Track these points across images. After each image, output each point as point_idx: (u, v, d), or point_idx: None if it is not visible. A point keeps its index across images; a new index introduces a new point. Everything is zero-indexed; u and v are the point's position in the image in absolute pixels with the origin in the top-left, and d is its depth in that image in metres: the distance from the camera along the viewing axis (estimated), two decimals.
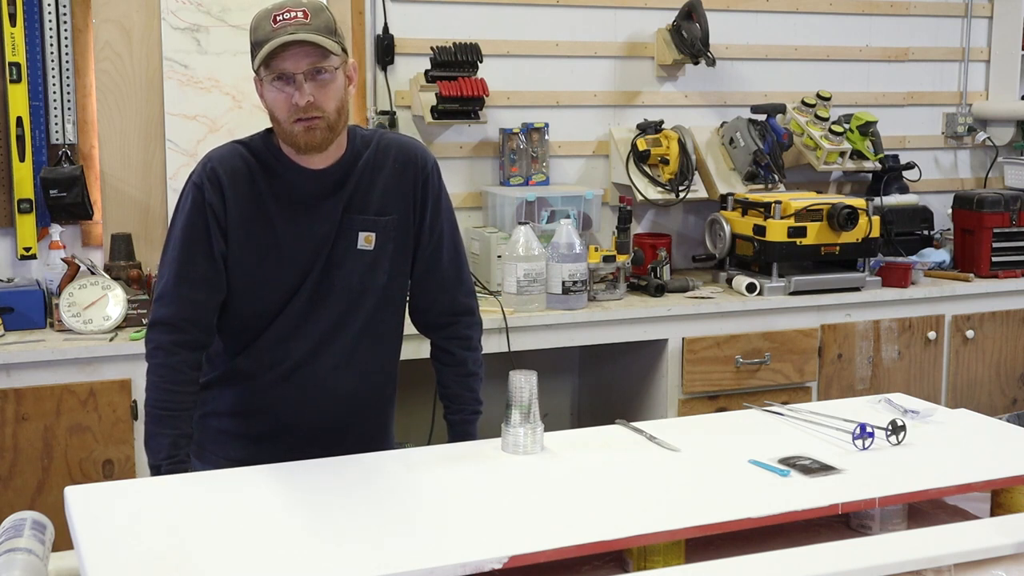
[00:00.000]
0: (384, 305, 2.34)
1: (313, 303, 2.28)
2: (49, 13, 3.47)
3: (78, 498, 1.94)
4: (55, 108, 3.51)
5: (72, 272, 3.36)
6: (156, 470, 2.17)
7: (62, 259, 3.43)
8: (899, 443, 2.21)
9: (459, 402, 2.44)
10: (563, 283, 3.55)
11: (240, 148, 2.26)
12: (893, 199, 4.40)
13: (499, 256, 3.67)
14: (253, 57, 2.17)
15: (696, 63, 4.18)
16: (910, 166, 4.49)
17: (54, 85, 3.50)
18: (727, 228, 4.00)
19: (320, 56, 2.13)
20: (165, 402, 2.20)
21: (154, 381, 2.21)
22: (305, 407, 2.32)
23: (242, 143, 2.28)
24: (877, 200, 4.26)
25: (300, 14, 2.13)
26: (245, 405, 2.33)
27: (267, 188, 2.24)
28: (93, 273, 3.36)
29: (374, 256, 2.29)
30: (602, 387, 4.17)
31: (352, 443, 2.28)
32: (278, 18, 2.13)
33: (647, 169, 4.09)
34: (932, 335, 4.05)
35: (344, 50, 2.19)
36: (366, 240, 2.28)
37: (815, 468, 2.07)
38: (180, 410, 2.20)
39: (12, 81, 3.43)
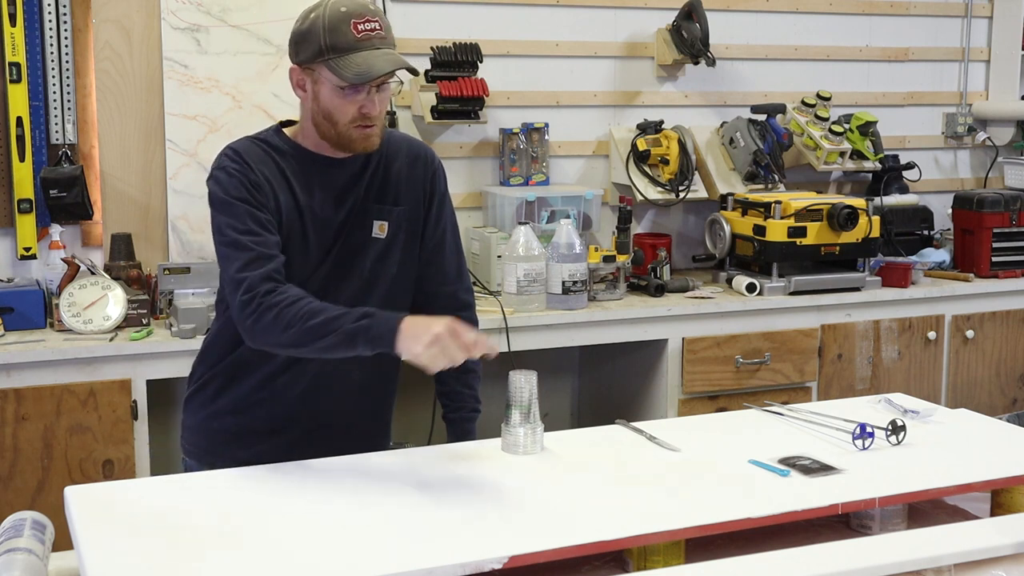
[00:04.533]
0: (392, 296, 2.34)
1: (325, 289, 2.26)
2: (49, 13, 3.47)
3: (78, 498, 1.94)
4: (55, 108, 3.51)
5: (72, 272, 3.36)
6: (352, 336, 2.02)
7: (62, 259, 3.43)
8: (899, 443, 2.21)
9: (458, 400, 2.44)
10: (563, 283, 3.55)
11: (257, 141, 2.27)
12: (893, 199, 4.40)
13: (499, 256, 3.67)
14: (320, 53, 2.13)
15: (696, 63, 4.18)
16: (910, 166, 4.49)
17: (54, 85, 3.50)
18: (727, 228, 4.00)
19: (392, 73, 2.16)
20: (308, 316, 2.04)
21: (288, 320, 2.05)
22: (308, 397, 2.32)
23: (256, 138, 2.28)
24: (877, 200, 4.25)
25: (377, 25, 2.14)
26: (247, 399, 2.32)
27: (289, 174, 2.24)
28: (93, 273, 3.36)
29: (386, 244, 2.31)
30: (602, 387, 4.17)
31: (355, 436, 2.29)
32: (359, 27, 2.12)
33: (647, 169, 4.09)
34: (932, 335, 4.05)
35: None
36: (380, 229, 2.30)
37: (815, 468, 2.07)
38: (324, 309, 2.07)
39: (12, 81, 3.43)
